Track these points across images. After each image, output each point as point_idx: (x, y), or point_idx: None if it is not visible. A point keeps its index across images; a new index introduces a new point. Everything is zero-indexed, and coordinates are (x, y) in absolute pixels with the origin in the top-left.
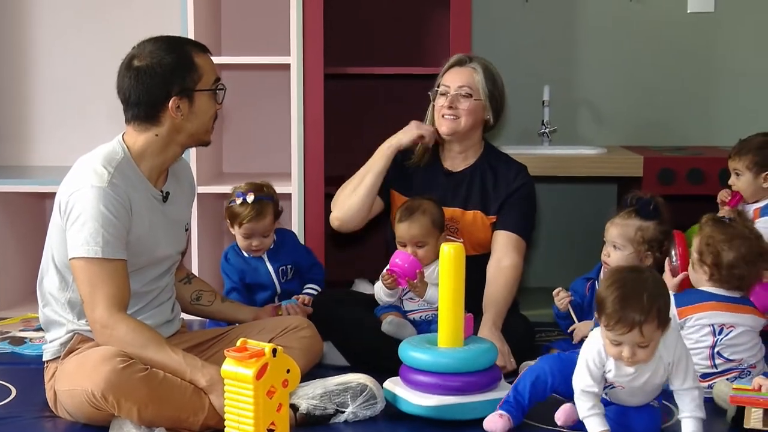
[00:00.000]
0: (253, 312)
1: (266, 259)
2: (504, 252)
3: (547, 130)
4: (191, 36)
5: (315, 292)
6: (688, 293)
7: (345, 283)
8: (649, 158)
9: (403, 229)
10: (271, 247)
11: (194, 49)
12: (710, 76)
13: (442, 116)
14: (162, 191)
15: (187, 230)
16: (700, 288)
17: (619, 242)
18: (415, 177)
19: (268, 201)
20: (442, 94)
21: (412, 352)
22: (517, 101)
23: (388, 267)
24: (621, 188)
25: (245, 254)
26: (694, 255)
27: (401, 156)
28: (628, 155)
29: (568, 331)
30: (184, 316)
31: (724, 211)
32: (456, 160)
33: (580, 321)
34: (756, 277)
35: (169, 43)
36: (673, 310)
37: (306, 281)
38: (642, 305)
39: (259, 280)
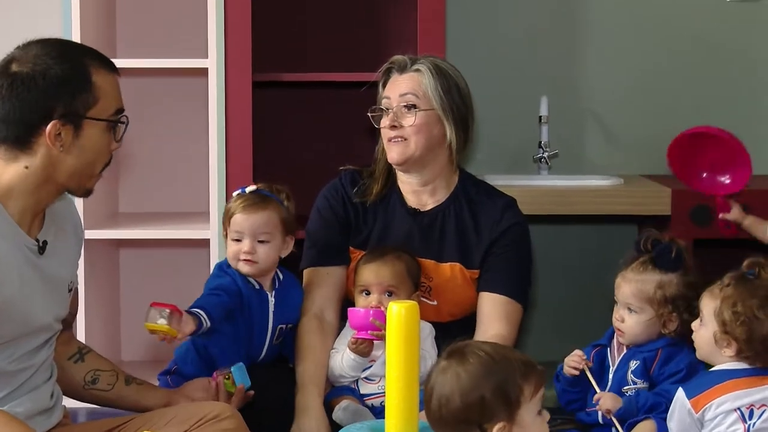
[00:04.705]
0: (167, 396)
1: (271, 303)
2: (490, 321)
3: (545, 155)
4: (76, 34)
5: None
6: (702, 376)
7: (281, 358)
8: (678, 191)
9: (370, 272)
10: (277, 287)
11: (95, 63)
12: (756, 84)
13: (389, 140)
14: (37, 240)
15: (71, 290)
16: (714, 361)
17: (634, 303)
18: (371, 220)
19: (271, 198)
20: (384, 111)
21: None
22: (507, 117)
23: (355, 333)
24: (642, 230)
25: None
26: (713, 325)
27: (349, 198)
28: (650, 187)
29: (594, 400)
30: (70, 402)
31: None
32: (422, 197)
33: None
34: None
35: (62, 49)
36: (687, 404)
37: None
38: None
39: (253, 322)
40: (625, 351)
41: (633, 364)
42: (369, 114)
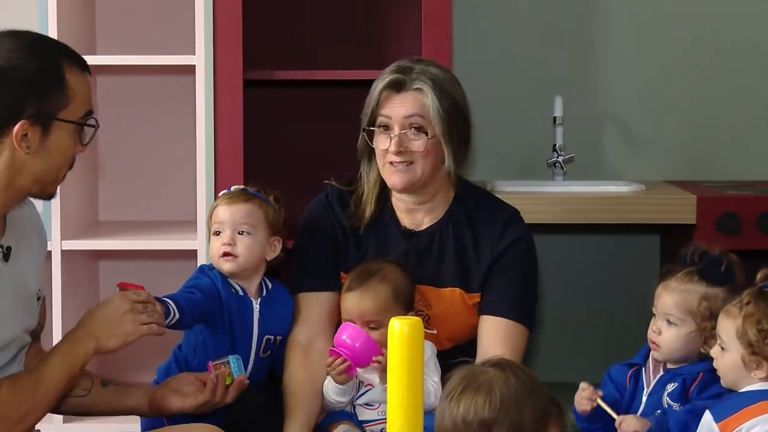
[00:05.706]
0: (150, 394)
1: (256, 311)
2: (490, 347)
3: (560, 159)
4: (53, 28)
5: None
6: (729, 399)
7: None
8: (704, 198)
9: (351, 301)
10: (264, 294)
11: (69, 62)
12: None
13: (390, 163)
14: (1, 246)
15: (39, 299)
16: (741, 387)
17: (675, 315)
18: (364, 244)
19: (257, 195)
20: (383, 130)
21: None
22: (518, 119)
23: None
24: (665, 241)
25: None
26: (737, 348)
27: (340, 216)
28: (674, 194)
29: (617, 425)
30: (46, 428)
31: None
32: (417, 215)
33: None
34: None
35: (35, 44)
36: (714, 428)
37: None
38: None
39: (234, 329)
40: (661, 372)
41: (671, 387)
42: (363, 132)
